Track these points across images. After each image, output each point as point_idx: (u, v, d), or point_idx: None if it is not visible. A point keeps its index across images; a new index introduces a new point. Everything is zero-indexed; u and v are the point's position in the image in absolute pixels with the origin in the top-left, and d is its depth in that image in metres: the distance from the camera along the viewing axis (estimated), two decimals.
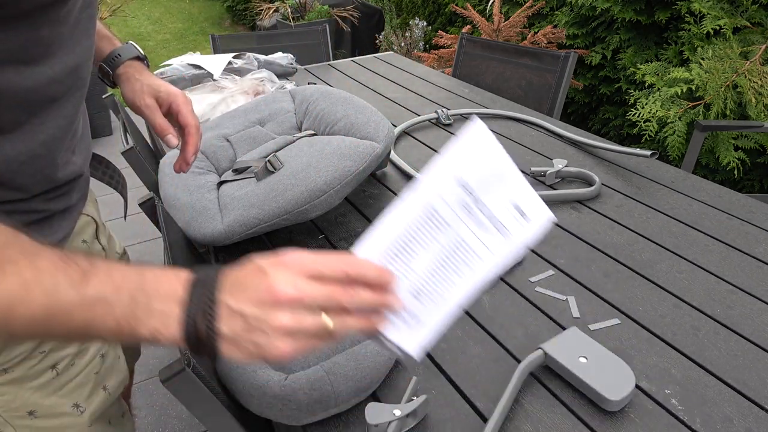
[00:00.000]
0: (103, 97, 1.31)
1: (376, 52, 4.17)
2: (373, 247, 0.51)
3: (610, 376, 0.64)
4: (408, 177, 1.18)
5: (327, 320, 0.45)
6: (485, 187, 0.53)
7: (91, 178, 0.76)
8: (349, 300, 0.46)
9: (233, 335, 0.44)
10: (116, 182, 0.86)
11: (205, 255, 1.03)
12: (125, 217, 0.90)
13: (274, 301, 0.44)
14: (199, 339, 0.44)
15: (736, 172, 2.08)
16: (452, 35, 3.10)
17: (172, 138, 0.77)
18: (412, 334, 0.50)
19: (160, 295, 0.44)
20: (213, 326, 0.44)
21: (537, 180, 1.15)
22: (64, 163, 0.62)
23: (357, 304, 0.46)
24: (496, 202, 0.54)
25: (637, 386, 0.66)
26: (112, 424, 0.72)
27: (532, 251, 0.92)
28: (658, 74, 2.27)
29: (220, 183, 1.02)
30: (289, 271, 0.45)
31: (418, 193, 0.52)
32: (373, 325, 0.48)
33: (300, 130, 1.14)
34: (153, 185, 1.10)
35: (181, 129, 0.80)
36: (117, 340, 0.47)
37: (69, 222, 0.68)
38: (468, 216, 0.53)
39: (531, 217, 0.54)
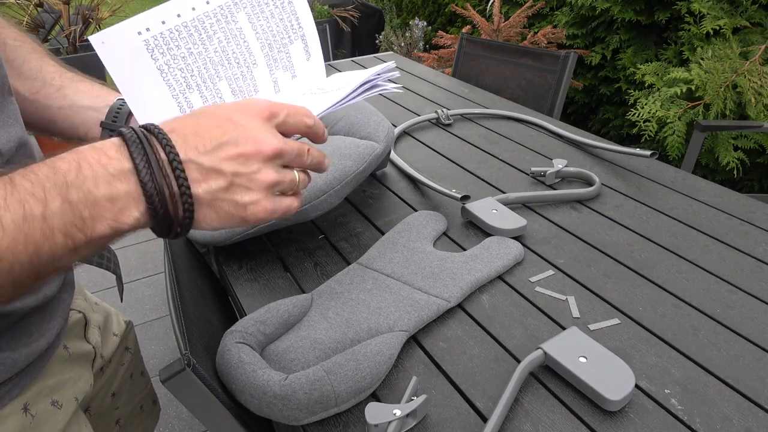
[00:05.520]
0: None
1: (376, 52, 4.17)
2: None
3: (610, 376, 0.64)
4: (408, 177, 1.18)
5: (297, 175, 0.43)
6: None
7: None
8: (306, 157, 0.43)
9: (211, 197, 0.38)
10: (106, 260, 0.64)
11: (205, 255, 1.03)
12: (121, 297, 0.70)
13: (258, 153, 0.39)
14: (168, 210, 0.37)
15: (735, 172, 2.08)
16: (452, 35, 3.11)
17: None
18: None
19: (98, 178, 0.35)
20: (188, 191, 0.37)
21: (537, 180, 1.15)
22: None
23: (309, 163, 0.44)
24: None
25: (636, 386, 0.66)
26: None
27: (532, 251, 0.92)
28: (657, 74, 2.27)
29: None
30: (258, 118, 0.40)
31: None
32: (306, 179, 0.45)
33: None
34: None
35: None
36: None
37: (52, 324, 0.54)
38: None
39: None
